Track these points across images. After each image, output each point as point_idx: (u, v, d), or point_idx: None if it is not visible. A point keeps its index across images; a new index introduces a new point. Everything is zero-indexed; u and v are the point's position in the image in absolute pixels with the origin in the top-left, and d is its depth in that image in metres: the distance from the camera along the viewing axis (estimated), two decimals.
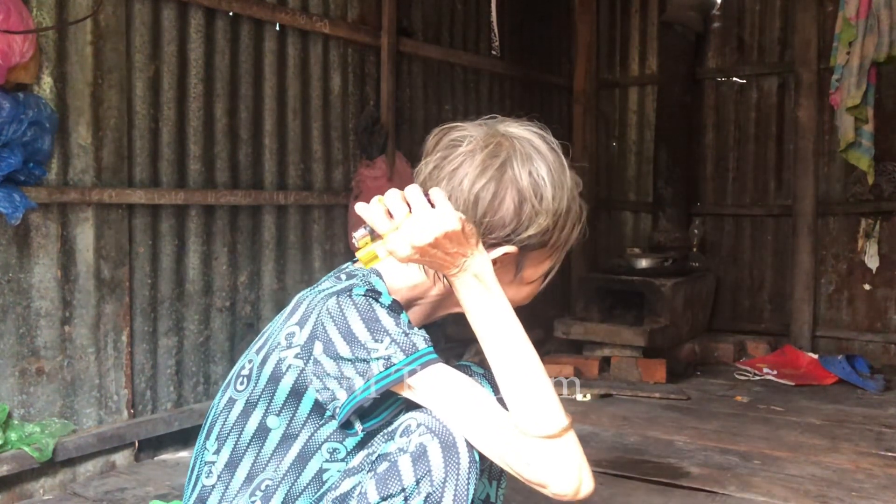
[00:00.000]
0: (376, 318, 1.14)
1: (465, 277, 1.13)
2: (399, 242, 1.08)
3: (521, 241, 1.18)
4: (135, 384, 2.82)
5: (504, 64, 4.77)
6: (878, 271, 4.58)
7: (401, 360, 1.11)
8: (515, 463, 1.09)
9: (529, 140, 1.20)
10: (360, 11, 3.72)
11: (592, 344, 4.30)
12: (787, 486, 2.56)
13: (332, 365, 1.14)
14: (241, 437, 1.23)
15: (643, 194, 5.39)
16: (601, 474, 2.67)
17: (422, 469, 1.08)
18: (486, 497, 1.40)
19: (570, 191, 1.21)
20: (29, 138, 2.43)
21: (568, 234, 1.23)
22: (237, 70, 3.16)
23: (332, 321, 1.15)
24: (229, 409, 1.26)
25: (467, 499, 1.10)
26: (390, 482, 1.09)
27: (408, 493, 1.08)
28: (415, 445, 1.10)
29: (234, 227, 3.16)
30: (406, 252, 1.08)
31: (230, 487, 1.23)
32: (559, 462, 1.08)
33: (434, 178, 1.18)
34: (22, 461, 2.43)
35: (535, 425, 1.09)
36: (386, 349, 1.12)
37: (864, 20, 4.27)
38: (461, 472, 1.10)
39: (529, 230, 1.17)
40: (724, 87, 5.13)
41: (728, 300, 5.09)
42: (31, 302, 2.53)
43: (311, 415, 1.20)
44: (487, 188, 1.16)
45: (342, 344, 1.13)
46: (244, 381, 1.26)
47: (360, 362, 1.12)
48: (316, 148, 3.53)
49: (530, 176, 1.17)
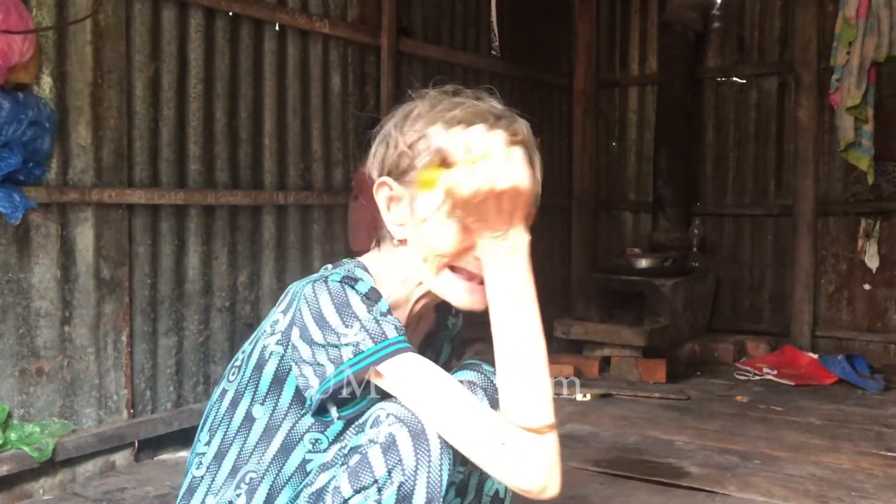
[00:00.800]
0: (348, 303, 1.14)
1: (500, 246, 1.08)
2: (467, 178, 1.04)
3: (388, 170, 1.22)
4: (134, 384, 2.82)
5: (504, 64, 4.77)
6: (878, 271, 4.58)
7: (369, 348, 1.11)
8: (482, 454, 1.07)
9: (432, 92, 1.24)
10: (360, 11, 3.72)
11: (592, 344, 4.30)
12: (787, 485, 2.56)
13: (307, 350, 1.14)
14: (229, 427, 1.24)
15: (643, 194, 5.39)
16: (601, 474, 2.67)
17: (392, 459, 1.08)
18: (494, 493, 1.40)
19: (448, 122, 1.17)
20: (29, 138, 2.43)
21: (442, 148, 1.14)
22: (237, 70, 3.16)
23: (307, 306, 1.15)
24: (221, 399, 1.27)
25: (441, 485, 1.09)
26: (362, 474, 1.08)
27: (381, 485, 1.07)
28: (384, 436, 1.09)
29: (234, 227, 3.16)
30: (469, 189, 1.04)
31: (216, 479, 1.24)
32: (532, 457, 1.06)
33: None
34: (22, 461, 2.43)
35: (523, 415, 1.07)
36: (355, 335, 1.11)
37: (864, 20, 4.28)
38: (433, 460, 1.09)
39: (389, 157, 1.21)
40: (724, 86, 5.13)
41: (728, 300, 5.09)
42: (31, 302, 2.53)
43: (292, 404, 1.21)
44: (374, 139, 1.26)
45: (315, 329, 1.13)
46: (235, 371, 1.27)
47: (332, 348, 1.12)
48: (316, 148, 3.53)
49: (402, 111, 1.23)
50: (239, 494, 1.22)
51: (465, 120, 1.15)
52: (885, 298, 4.58)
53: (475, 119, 1.15)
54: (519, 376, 1.09)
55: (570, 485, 2.57)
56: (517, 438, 1.07)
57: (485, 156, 1.03)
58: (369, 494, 1.08)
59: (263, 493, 1.22)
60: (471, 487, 1.37)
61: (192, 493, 1.26)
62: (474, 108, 1.19)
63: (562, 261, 5.42)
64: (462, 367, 1.33)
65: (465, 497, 1.37)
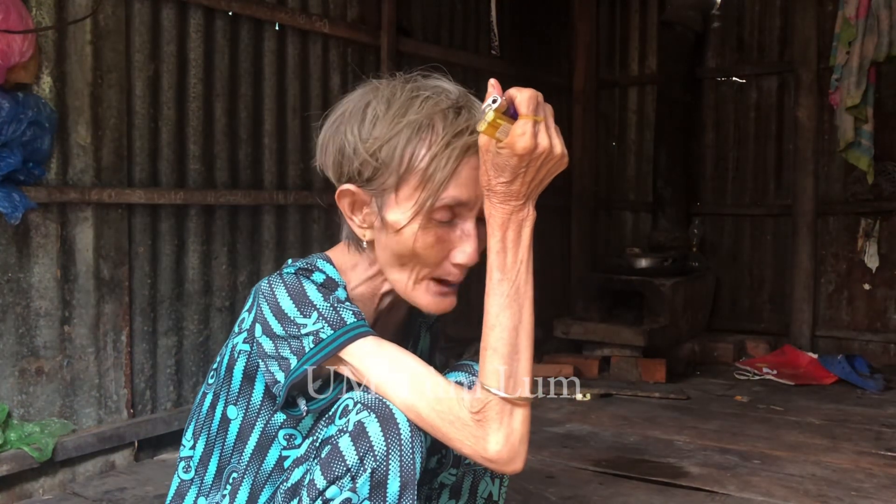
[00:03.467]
0: (304, 293, 1.14)
1: (516, 216, 1.07)
2: (529, 132, 1.01)
3: (354, 179, 1.17)
4: (134, 384, 2.82)
5: (504, 64, 4.77)
6: (878, 271, 4.58)
7: (329, 336, 1.11)
8: (450, 429, 1.07)
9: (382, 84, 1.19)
10: (360, 11, 3.72)
11: (592, 344, 4.30)
12: (787, 485, 2.56)
13: (270, 345, 1.15)
14: (210, 430, 1.25)
15: (643, 194, 5.39)
16: (601, 474, 2.67)
17: (363, 446, 1.07)
18: (489, 496, 1.40)
19: (414, 122, 1.12)
20: (28, 138, 2.43)
21: (426, 167, 1.11)
22: (237, 70, 3.16)
23: (265, 301, 1.16)
24: (202, 403, 1.28)
25: (415, 467, 1.08)
26: (335, 465, 1.08)
27: (353, 473, 1.07)
28: (353, 424, 1.08)
29: (234, 226, 3.16)
30: (526, 144, 1.01)
31: (205, 481, 1.25)
32: (506, 426, 1.06)
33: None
34: (21, 461, 2.43)
35: (505, 382, 1.06)
36: (314, 324, 1.11)
37: (864, 20, 4.27)
38: (403, 443, 1.08)
39: (353, 165, 1.16)
40: (724, 86, 5.13)
41: (728, 300, 5.09)
42: (31, 302, 2.53)
43: (264, 401, 1.21)
44: (323, 136, 1.21)
45: (274, 322, 1.14)
46: (213, 374, 1.28)
47: (293, 339, 1.12)
48: None
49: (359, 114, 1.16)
50: (225, 496, 1.23)
51: (425, 122, 1.12)
52: (884, 298, 4.58)
53: (435, 118, 1.13)
54: (510, 344, 1.08)
55: (570, 484, 2.57)
56: (493, 405, 1.06)
57: (541, 119, 1.03)
58: (343, 484, 1.07)
59: (245, 492, 1.23)
60: (464, 489, 1.38)
61: (183, 497, 1.27)
62: (433, 102, 1.14)
63: (561, 260, 5.42)
64: (454, 369, 1.33)
65: (460, 499, 1.37)
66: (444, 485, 1.35)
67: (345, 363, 1.12)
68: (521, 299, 1.08)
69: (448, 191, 1.12)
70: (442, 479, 1.35)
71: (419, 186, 1.12)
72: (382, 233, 1.17)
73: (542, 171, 1.05)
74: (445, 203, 1.12)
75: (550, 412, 3.45)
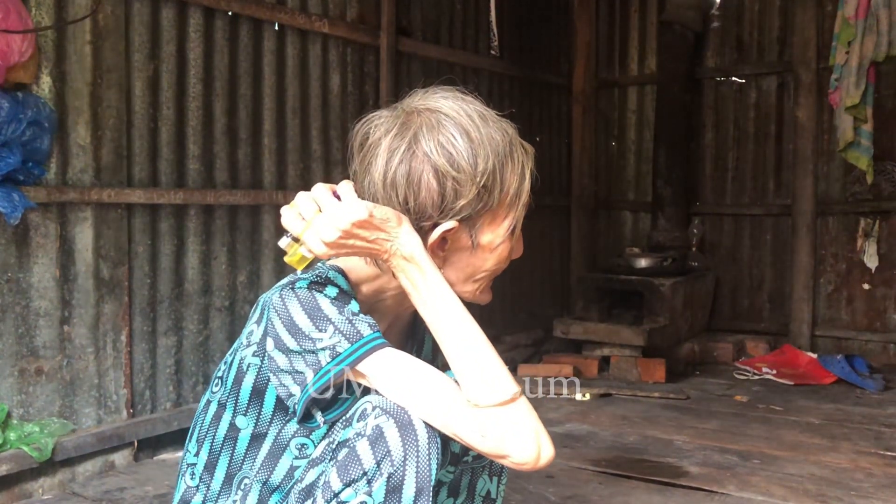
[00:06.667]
0: (318, 307, 1.14)
1: (397, 261, 1.13)
2: (313, 240, 1.11)
3: (457, 213, 1.15)
4: (134, 384, 2.82)
5: (503, 63, 4.77)
6: (878, 271, 4.59)
7: (346, 349, 1.11)
8: (471, 436, 1.09)
9: (437, 108, 1.16)
10: (359, 11, 3.72)
11: (592, 343, 4.30)
12: (787, 485, 2.56)
13: (284, 359, 1.15)
14: (215, 438, 1.25)
15: (642, 194, 5.39)
16: (600, 474, 2.67)
17: (381, 451, 1.08)
18: (486, 493, 1.40)
19: (501, 146, 1.16)
20: (28, 138, 2.43)
21: (516, 188, 1.18)
22: (236, 69, 3.16)
23: (277, 316, 1.15)
24: (206, 410, 1.28)
25: (430, 474, 1.09)
26: (351, 468, 1.08)
27: (370, 477, 1.07)
28: (371, 428, 1.09)
29: (234, 226, 3.16)
30: (321, 248, 1.10)
31: (212, 488, 1.25)
32: (514, 428, 1.09)
33: (359, 176, 1.18)
34: (21, 461, 2.43)
35: (486, 394, 1.09)
36: (330, 338, 1.12)
37: (863, 20, 4.28)
38: (421, 449, 1.09)
39: (460, 201, 1.14)
40: (724, 86, 5.13)
41: (727, 300, 5.09)
42: (31, 302, 2.53)
43: (276, 412, 1.21)
44: (399, 172, 1.13)
45: (288, 337, 1.14)
46: (218, 382, 1.28)
47: (309, 354, 1.12)
48: (315, 147, 3.53)
49: (442, 147, 1.13)
50: (236, 501, 1.24)
51: (508, 148, 1.18)
52: (884, 298, 4.59)
53: (512, 142, 1.19)
54: (471, 360, 1.12)
55: (570, 484, 2.57)
56: (494, 417, 1.09)
57: (317, 213, 1.11)
58: (359, 487, 1.08)
59: (255, 497, 1.23)
60: (462, 487, 1.38)
61: (188, 503, 1.27)
62: (501, 126, 1.19)
63: (561, 260, 5.42)
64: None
65: (458, 496, 1.38)
66: (442, 482, 1.35)
67: (362, 375, 1.13)
68: (455, 320, 1.14)
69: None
70: (440, 477, 1.35)
71: (511, 206, 1.19)
72: (465, 254, 1.20)
73: (356, 237, 1.11)
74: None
75: (550, 412, 3.46)
